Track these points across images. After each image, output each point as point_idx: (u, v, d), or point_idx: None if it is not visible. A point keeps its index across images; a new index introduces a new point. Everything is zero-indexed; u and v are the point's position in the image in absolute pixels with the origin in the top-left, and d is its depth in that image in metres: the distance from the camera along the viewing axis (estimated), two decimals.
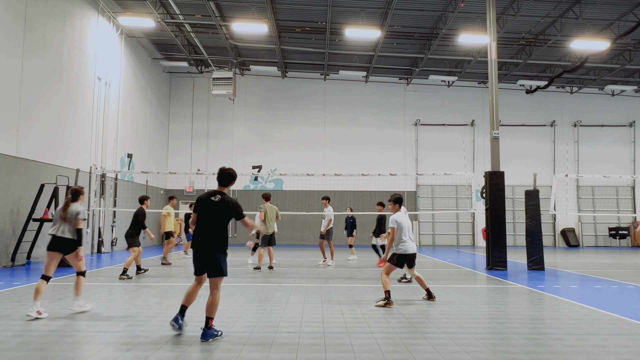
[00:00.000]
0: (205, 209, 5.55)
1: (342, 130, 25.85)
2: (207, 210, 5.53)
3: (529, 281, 10.67)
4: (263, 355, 4.71)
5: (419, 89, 26.28)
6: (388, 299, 7.39)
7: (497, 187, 13.44)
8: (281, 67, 24.36)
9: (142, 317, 6.41)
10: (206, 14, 18.34)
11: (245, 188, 24.72)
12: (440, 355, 4.78)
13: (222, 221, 5.53)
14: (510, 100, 25.63)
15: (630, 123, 26.80)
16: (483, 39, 18.17)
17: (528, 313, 7.07)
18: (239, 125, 25.75)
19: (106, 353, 4.77)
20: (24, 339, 5.21)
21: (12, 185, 12.65)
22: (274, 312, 6.80)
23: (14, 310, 6.72)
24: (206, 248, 5.43)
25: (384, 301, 7.38)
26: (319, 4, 17.99)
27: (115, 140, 18.91)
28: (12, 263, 12.43)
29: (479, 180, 18.93)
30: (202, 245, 5.45)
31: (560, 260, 16.77)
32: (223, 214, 5.52)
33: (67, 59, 15.39)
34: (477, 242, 25.39)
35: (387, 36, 20.13)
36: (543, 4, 17.65)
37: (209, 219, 5.50)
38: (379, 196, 25.23)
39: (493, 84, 14.12)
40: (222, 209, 5.51)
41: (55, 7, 14.71)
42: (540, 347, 5.13)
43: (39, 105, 13.85)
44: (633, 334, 5.74)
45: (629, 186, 26.49)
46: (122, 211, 18.91)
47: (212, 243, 5.43)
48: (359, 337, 5.45)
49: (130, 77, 20.51)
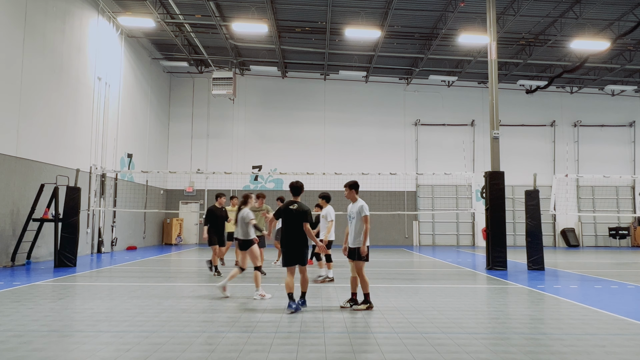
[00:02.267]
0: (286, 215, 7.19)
1: (342, 130, 25.85)
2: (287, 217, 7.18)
3: (529, 281, 10.67)
4: (263, 356, 4.71)
5: (419, 89, 26.28)
6: (370, 301, 7.10)
7: (497, 187, 13.43)
8: (281, 67, 24.36)
9: (142, 317, 6.41)
10: (206, 14, 18.34)
11: (245, 188, 24.72)
12: (440, 355, 4.78)
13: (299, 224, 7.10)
14: (510, 100, 25.64)
15: (630, 123, 26.80)
16: (483, 39, 18.17)
17: (528, 313, 7.07)
18: (239, 125, 25.75)
19: (106, 353, 4.77)
20: (24, 339, 5.21)
21: (12, 185, 12.65)
22: (274, 312, 6.80)
23: (14, 310, 6.71)
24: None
25: (365, 304, 7.08)
26: (319, 4, 17.99)
27: (115, 140, 18.91)
28: (12, 263, 12.43)
29: (479, 180, 18.93)
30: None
31: (560, 260, 16.77)
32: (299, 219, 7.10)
33: (67, 59, 15.39)
34: (477, 242, 25.39)
35: (387, 36, 20.13)
36: (543, 4, 17.65)
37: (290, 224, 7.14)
38: (379, 196, 25.41)
39: (493, 84, 14.12)
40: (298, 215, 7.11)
41: (55, 7, 14.71)
42: (540, 347, 5.13)
43: (39, 105, 13.85)
44: (633, 334, 5.74)
45: (629, 186, 26.49)
46: (122, 211, 18.94)
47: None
48: (359, 337, 5.45)
49: (130, 77, 20.51)
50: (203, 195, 24.67)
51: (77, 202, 12.90)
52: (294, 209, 7.07)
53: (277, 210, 7.29)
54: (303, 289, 7.18)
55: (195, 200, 24.99)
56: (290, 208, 7.10)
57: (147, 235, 22.22)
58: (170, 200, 24.88)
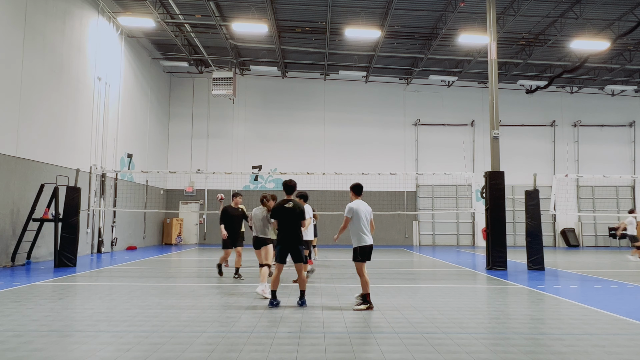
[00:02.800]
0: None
1: (342, 130, 25.85)
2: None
3: (529, 281, 10.67)
4: (263, 355, 4.71)
5: (419, 89, 26.28)
6: (370, 301, 7.11)
7: (497, 187, 13.43)
8: (281, 67, 24.36)
9: (142, 317, 6.41)
10: (206, 14, 18.33)
11: (245, 188, 24.73)
12: (440, 355, 4.78)
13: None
14: (510, 100, 25.63)
15: (630, 123, 26.79)
16: (483, 39, 18.17)
17: (528, 313, 7.07)
18: (239, 125, 25.75)
19: (106, 353, 4.77)
20: (24, 339, 5.21)
21: (12, 185, 12.65)
22: (274, 312, 6.80)
23: (14, 310, 6.71)
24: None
25: (365, 305, 7.06)
26: (319, 4, 17.98)
27: (115, 140, 18.91)
28: (12, 263, 12.43)
29: (479, 180, 18.93)
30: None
31: (560, 260, 16.77)
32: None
33: (67, 59, 15.39)
34: (477, 242, 25.39)
35: (387, 36, 20.13)
36: (543, 4, 17.65)
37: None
38: (379, 196, 25.39)
39: (493, 84, 14.12)
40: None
41: (55, 7, 14.71)
42: (540, 347, 5.13)
43: (39, 105, 13.85)
44: (633, 334, 5.74)
45: (629, 186, 26.49)
46: (122, 211, 18.93)
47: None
48: (359, 337, 5.45)
49: (130, 77, 20.51)
50: (203, 195, 24.68)
51: (77, 202, 12.90)
52: (290, 207, 7.26)
53: (273, 210, 7.38)
54: (301, 287, 7.30)
55: (195, 200, 24.99)
56: (286, 207, 7.26)
57: (147, 235, 22.22)
58: (170, 200, 24.88)
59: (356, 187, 7.50)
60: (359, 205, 7.27)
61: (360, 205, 7.28)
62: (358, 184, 7.52)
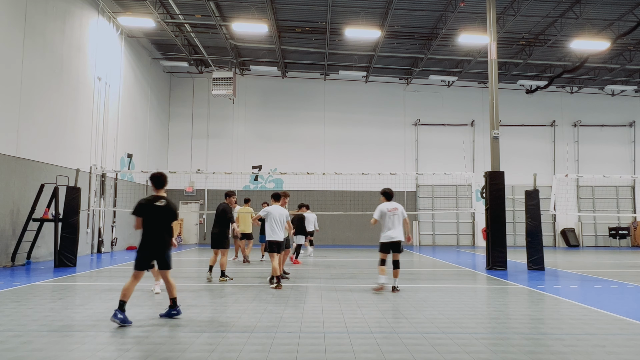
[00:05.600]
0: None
1: (342, 130, 25.84)
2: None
3: (529, 281, 10.67)
4: (263, 355, 4.71)
5: (419, 89, 26.27)
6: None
7: (497, 187, 13.43)
8: (281, 67, 24.35)
9: (142, 317, 6.41)
10: (206, 14, 18.33)
11: (245, 188, 24.73)
12: (440, 355, 4.78)
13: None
14: (510, 100, 25.62)
15: (630, 123, 26.79)
16: (483, 39, 18.16)
17: (528, 313, 7.07)
18: (239, 125, 25.75)
19: (106, 353, 4.77)
20: (24, 339, 5.21)
21: (12, 185, 12.65)
22: (274, 312, 6.80)
23: (14, 310, 6.71)
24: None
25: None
26: (319, 4, 17.98)
27: (115, 140, 18.91)
28: (12, 263, 12.43)
29: (479, 180, 18.88)
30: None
31: (560, 260, 16.77)
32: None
33: (67, 59, 15.38)
34: (477, 242, 25.38)
35: (387, 36, 20.12)
36: (543, 4, 17.64)
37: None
38: (379, 196, 25.22)
39: (493, 84, 14.11)
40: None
41: (55, 7, 14.71)
42: (540, 347, 5.13)
43: (39, 105, 13.85)
44: (633, 334, 5.74)
45: (629, 186, 26.48)
46: (122, 211, 18.92)
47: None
48: (359, 337, 5.45)
49: (130, 77, 20.51)
50: (203, 195, 24.68)
51: (77, 202, 12.90)
52: (162, 205, 6.69)
53: (139, 206, 6.62)
54: (172, 295, 6.44)
55: (195, 200, 24.98)
56: (157, 204, 6.69)
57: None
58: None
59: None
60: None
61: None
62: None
